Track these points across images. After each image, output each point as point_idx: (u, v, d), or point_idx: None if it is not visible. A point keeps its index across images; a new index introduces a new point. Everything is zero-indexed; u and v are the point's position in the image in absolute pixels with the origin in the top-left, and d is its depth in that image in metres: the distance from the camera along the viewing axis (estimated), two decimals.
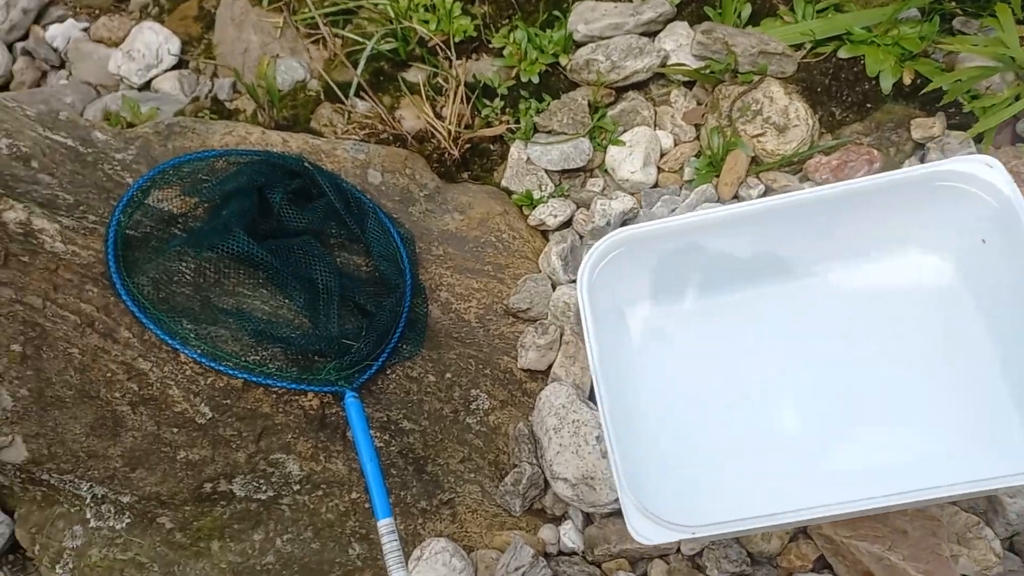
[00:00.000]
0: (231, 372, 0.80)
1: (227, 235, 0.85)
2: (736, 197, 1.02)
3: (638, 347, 0.88)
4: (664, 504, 0.70)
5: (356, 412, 0.82)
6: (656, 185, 1.06)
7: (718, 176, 1.04)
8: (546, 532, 0.89)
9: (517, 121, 1.10)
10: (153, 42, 1.23)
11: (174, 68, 1.23)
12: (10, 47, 1.27)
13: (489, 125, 1.10)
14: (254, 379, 0.81)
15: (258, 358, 0.83)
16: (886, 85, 1.01)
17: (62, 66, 1.28)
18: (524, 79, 1.11)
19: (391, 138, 1.07)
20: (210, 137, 1.00)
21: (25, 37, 1.28)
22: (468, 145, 1.09)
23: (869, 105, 1.03)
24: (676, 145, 1.08)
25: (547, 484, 0.90)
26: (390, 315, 0.90)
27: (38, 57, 1.26)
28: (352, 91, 1.10)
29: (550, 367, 0.95)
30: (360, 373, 0.86)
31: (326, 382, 0.84)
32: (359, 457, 0.81)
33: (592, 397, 0.94)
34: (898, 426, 0.79)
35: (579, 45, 1.14)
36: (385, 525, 0.77)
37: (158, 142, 0.99)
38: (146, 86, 1.22)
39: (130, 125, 1.08)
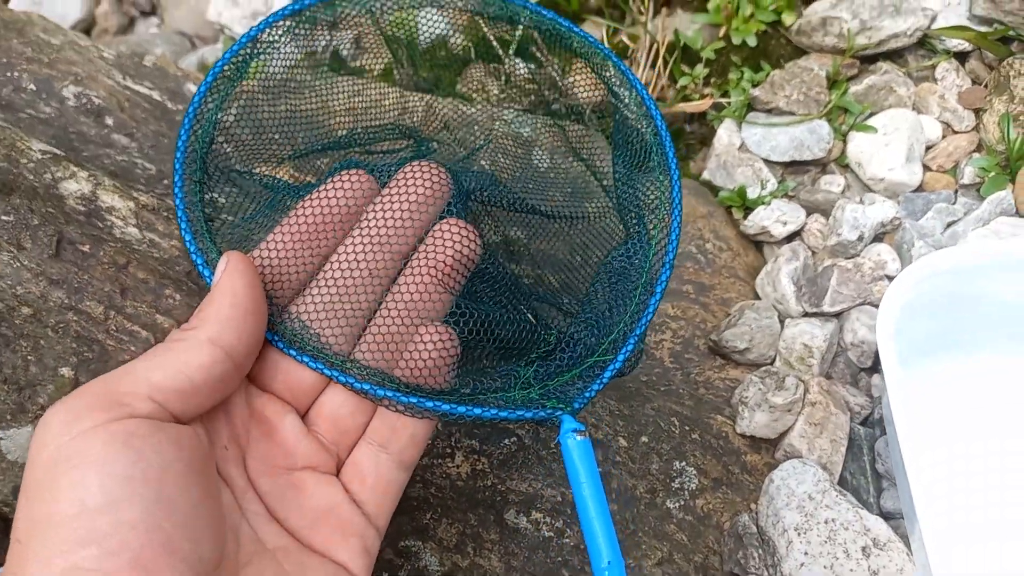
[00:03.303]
0: (350, 382, 0.40)
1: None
2: None
3: (947, 417, 0.61)
4: None
5: (585, 458, 0.43)
6: (920, 188, 0.78)
7: (1013, 181, 0.75)
8: None
9: (725, 94, 0.84)
10: None
11: None
12: None
13: (687, 99, 0.84)
14: (382, 393, 0.40)
15: None
16: None
17: (153, 12, 1.06)
18: (736, 40, 0.84)
19: (563, 110, 0.81)
20: (333, 101, 0.77)
21: None
22: None
23: None
24: (945, 136, 0.80)
25: None
26: (635, 264, 0.48)
27: (126, 0, 1.06)
28: (512, 48, 0.85)
29: (783, 435, 0.68)
30: (586, 382, 0.45)
31: (525, 402, 0.43)
32: (589, 546, 0.43)
33: (841, 484, 0.67)
34: None
35: (809, 0, 0.86)
36: None
37: (266, 101, 0.76)
38: None
39: None
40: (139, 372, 0.33)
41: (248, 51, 0.53)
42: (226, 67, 0.51)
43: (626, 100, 0.57)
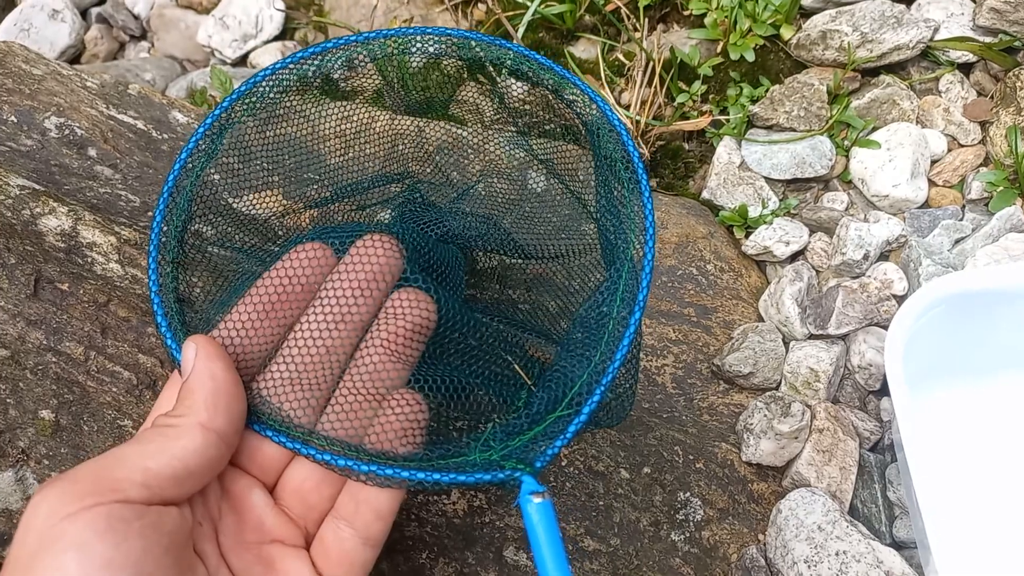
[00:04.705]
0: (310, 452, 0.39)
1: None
2: None
3: (960, 447, 0.59)
4: None
5: (546, 521, 0.38)
6: (926, 204, 0.76)
7: (1022, 196, 0.73)
8: None
9: (723, 111, 0.82)
10: (252, 7, 0.99)
11: (276, 39, 0.99)
12: (84, 13, 1.06)
13: (685, 117, 0.82)
14: (342, 463, 0.39)
15: None
16: None
17: (143, 36, 1.05)
18: (734, 56, 0.83)
19: (559, 130, 0.80)
20: (323, 123, 0.75)
21: (102, 1, 1.07)
22: (660, 143, 0.81)
23: None
24: (951, 150, 0.78)
25: None
26: (600, 310, 0.45)
27: (116, 25, 1.04)
28: (505, 68, 0.83)
29: (790, 463, 0.66)
30: (549, 439, 0.41)
31: (485, 465, 0.40)
32: None
33: (852, 513, 0.65)
34: None
35: (808, 13, 0.84)
36: None
37: (255, 128, 0.74)
38: (242, 61, 0.98)
39: None
40: (135, 459, 0.33)
41: (222, 122, 0.53)
42: (200, 141, 0.51)
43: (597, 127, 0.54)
